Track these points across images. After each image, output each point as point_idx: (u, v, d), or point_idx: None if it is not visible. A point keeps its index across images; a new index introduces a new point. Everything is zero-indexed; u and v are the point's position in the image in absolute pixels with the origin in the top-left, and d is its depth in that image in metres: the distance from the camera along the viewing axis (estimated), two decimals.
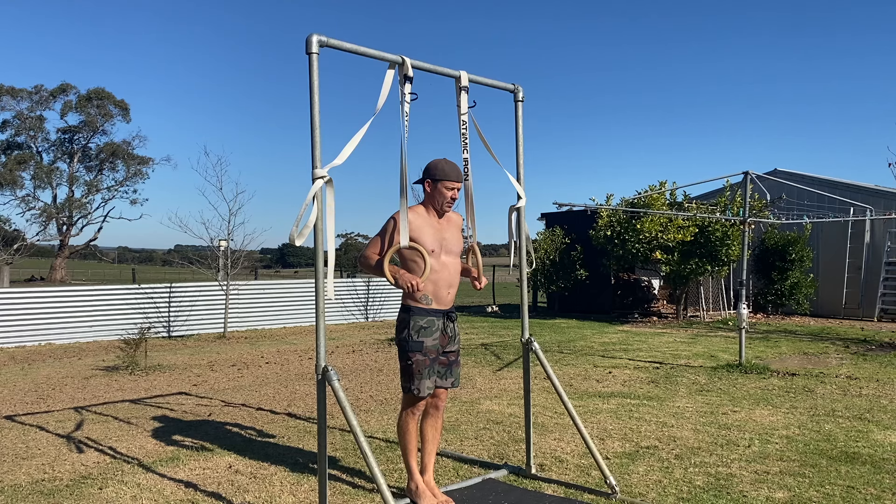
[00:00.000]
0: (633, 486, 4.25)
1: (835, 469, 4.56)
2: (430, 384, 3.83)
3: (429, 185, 3.88)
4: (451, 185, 3.85)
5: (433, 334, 3.81)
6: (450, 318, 3.92)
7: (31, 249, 34.85)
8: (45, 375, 8.87)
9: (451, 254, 3.90)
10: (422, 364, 3.78)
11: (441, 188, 3.84)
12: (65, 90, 41.04)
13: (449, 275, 3.86)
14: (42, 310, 12.52)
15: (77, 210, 40.89)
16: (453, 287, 3.91)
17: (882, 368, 8.78)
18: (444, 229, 3.89)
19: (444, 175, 3.84)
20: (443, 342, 3.89)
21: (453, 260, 3.92)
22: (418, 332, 3.79)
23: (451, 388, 4.02)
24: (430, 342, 3.80)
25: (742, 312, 9.01)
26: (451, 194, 3.86)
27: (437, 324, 3.83)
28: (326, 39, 3.45)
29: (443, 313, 3.87)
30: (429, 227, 3.82)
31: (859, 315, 16.01)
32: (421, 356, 3.77)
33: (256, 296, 15.10)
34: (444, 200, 3.86)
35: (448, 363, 3.95)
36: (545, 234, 17.85)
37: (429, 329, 3.80)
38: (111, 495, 4.18)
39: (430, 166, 3.90)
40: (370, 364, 9.56)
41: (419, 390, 3.79)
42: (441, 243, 3.84)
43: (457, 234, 3.97)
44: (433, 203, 3.89)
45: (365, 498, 4.08)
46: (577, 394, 7.15)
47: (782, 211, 14.33)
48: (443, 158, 3.97)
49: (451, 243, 3.91)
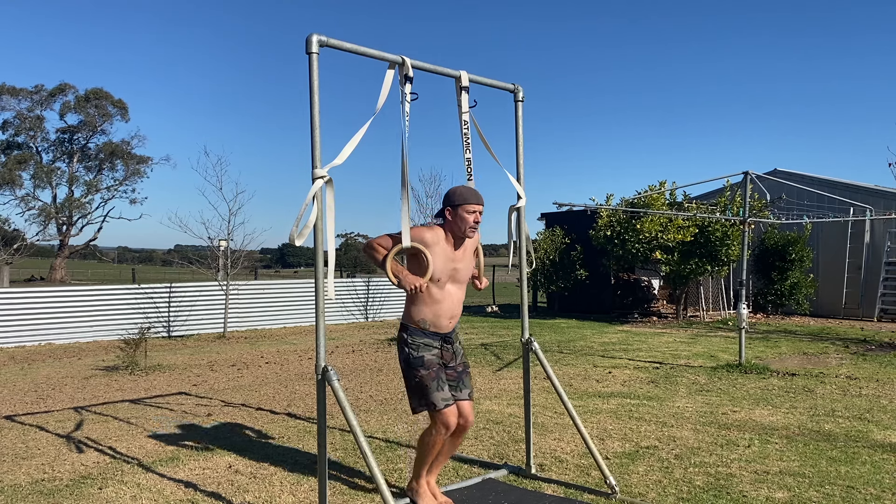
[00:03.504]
0: (632, 486, 4.25)
1: (835, 469, 4.56)
2: (446, 396, 3.70)
3: (449, 212, 3.77)
4: (473, 208, 3.75)
5: (432, 350, 3.73)
6: (447, 341, 3.81)
7: (31, 249, 34.82)
8: (45, 375, 8.87)
9: (457, 283, 3.80)
10: (428, 378, 3.69)
11: (462, 213, 3.73)
12: (63, 90, 41.01)
13: (451, 305, 3.77)
14: (42, 310, 12.52)
15: (77, 210, 40.86)
16: (455, 317, 3.82)
17: (882, 368, 8.78)
18: (458, 260, 3.78)
19: (463, 200, 3.74)
20: (445, 357, 3.79)
21: (458, 290, 3.82)
22: (418, 348, 3.70)
23: (470, 399, 3.87)
24: (429, 356, 3.71)
25: (742, 312, 9.01)
26: (474, 217, 3.76)
27: (434, 344, 3.75)
28: (326, 39, 3.45)
29: (440, 336, 3.78)
30: (443, 255, 3.71)
31: (859, 315, 16.01)
32: (424, 370, 3.69)
33: (256, 296, 15.10)
34: (466, 226, 3.74)
35: (456, 375, 3.84)
36: (545, 234, 17.86)
37: (428, 347, 3.73)
38: (111, 495, 4.18)
39: (449, 193, 3.81)
40: (370, 364, 9.56)
41: (436, 404, 3.66)
42: (451, 274, 3.75)
43: (469, 263, 3.87)
44: (454, 230, 3.77)
45: (365, 498, 4.08)
46: (577, 394, 7.15)
47: (782, 211, 14.31)
48: (460, 185, 3.91)
49: (462, 273, 3.82)
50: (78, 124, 41.59)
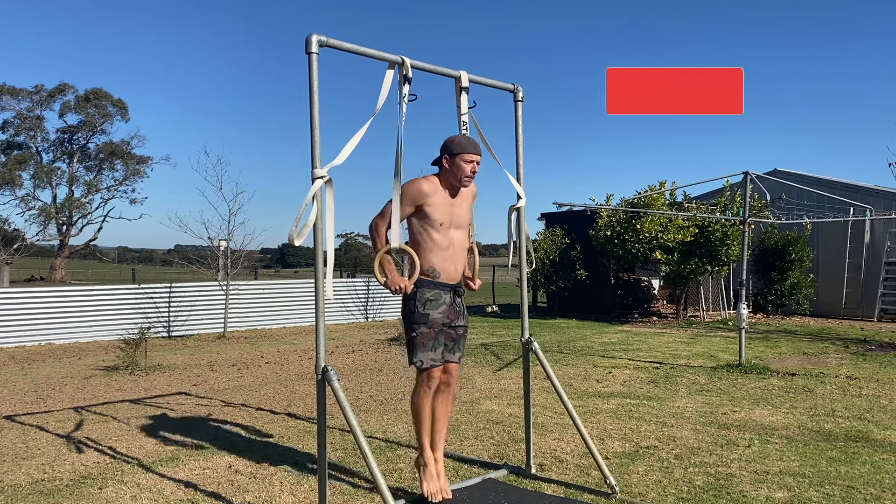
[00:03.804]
0: (632, 486, 4.25)
1: (835, 469, 4.56)
2: (436, 356, 3.82)
3: (447, 160, 3.86)
4: (470, 157, 3.83)
5: (440, 307, 3.81)
6: (457, 293, 3.92)
7: (31, 249, 34.83)
8: (45, 375, 8.87)
9: (459, 228, 3.91)
10: (426, 336, 3.78)
11: (459, 161, 3.82)
12: (63, 90, 41.04)
13: (455, 251, 3.87)
14: (42, 310, 12.52)
15: (77, 210, 40.88)
16: (460, 263, 3.92)
17: (882, 368, 8.78)
18: (457, 204, 3.89)
19: (461, 148, 3.83)
20: (451, 315, 3.88)
21: (461, 234, 3.92)
22: (425, 304, 3.78)
23: (458, 363, 4.00)
24: (436, 314, 3.79)
25: (742, 312, 9.01)
26: (471, 167, 3.84)
27: (444, 297, 3.83)
28: (326, 39, 3.45)
29: (451, 287, 3.88)
30: (442, 202, 3.82)
31: (859, 315, 16.01)
32: (426, 328, 3.77)
33: (256, 296, 15.10)
34: (463, 174, 3.83)
35: (456, 337, 3.95)
36: (545, 234, 17.85)
37: (436, 302, 3.80)
38: (111, 495, 4.18)
39: (447, 142, 3.89)
40: (370, 364, 9.56)
41: (421, 362, 3.79)
42: (451, 218, 3.85)
43: (467, 208, 3.97)
44: (451, 178, 3.86)
45: (365, 498, 4.08)
46: (577, 394, 7.15)
47: (782, 211, 14.30)
48: (459, 134, 3.98)
49: (461, 217, 3.92)
50: (78, 124, 41.63)
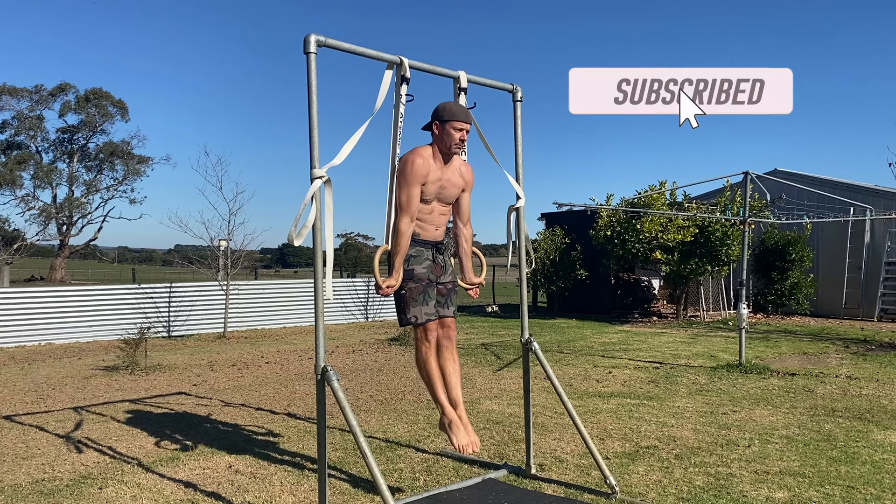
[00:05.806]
0: (633, 486, 4.25)
1: (835, 469, 4.56)
2: (429, 311, 3.87)
3: (437, 126, 3.87)
4: (460, 125, 3.84)
5: (423, 262, 3.88)
6: (438, 250, 3.98)
7: (31, 249, 34.88)
8: (45, 375, 8.87)
9: (443, 203, 3.97)
10: (415, 291, 3.84)
11: (449, 129, 3.83)
12: (64, 90, 41.02)
13: (434, 216, 3.94)
14: (42, 310, 12.51)
15: (77, 210, 40.86)
16: (441, 227, 4.00)
17: (882, 368, 8.78)
18: (446, 180, 3.91)
19: (452, 116, 3.84)
20: (436, 271, 3.96)
21: (443, 208, 3.99)
22: (408, 260, 3.84)
23: (454, 317, 4.06)
24: (420, 269, 3.86)
25: (742, 312, 9.00)
26: (460, 135, 3.85)
27: (426, 254, 3.90)
28: (324, 39, 3.45)
29: (432, 244, 3.94)
30: (434, 181, 3.84)
31: (859, 315, 16.00)
32: (413, 283, 3.84)
33: (256, 296, 15.10)
34: (451, 142, 3.85)
35: (446, 292, 4.02)
36: (545, 234, 17.85)
37: (419, 258, 3.87)
38: (111, 495, 4.18)
39: (438, 108, 3.90)
40: (370, 364, 9.56)
41: (416, 317, 3.84)
42: (437, 194, 3.90)
43: (456, 181, 3.98)
44: (441, 145, 3.87)
45: (365, 498, 4.08)
46: (577, 394, 7.15)
47: (782, 211, 14.30)
48: (450, 101, 3.98)
49: (448, 192, 3.95)
50: (78, 124, 41.60)
